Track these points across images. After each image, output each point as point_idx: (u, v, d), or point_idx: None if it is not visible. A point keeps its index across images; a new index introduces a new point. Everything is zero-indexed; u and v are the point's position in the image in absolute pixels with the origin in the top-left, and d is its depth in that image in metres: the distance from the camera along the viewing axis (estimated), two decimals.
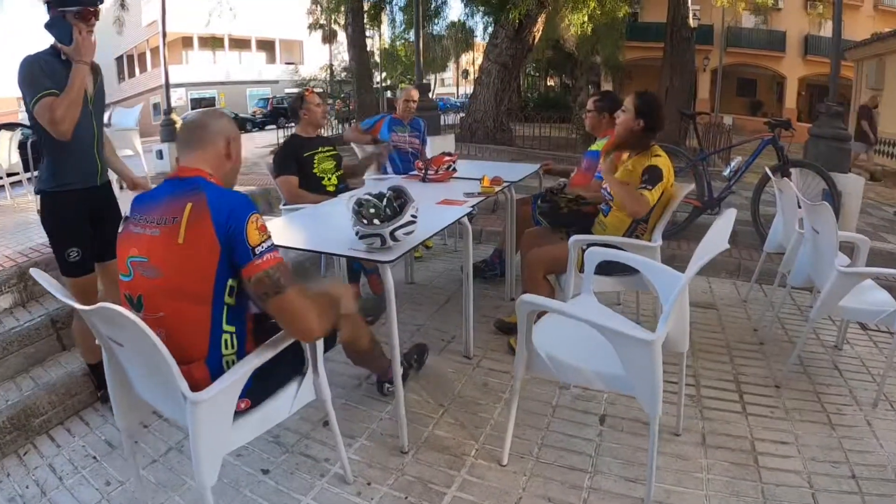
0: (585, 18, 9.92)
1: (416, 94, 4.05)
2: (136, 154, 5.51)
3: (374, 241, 1.85)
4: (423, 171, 3.18)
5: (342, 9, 13.33)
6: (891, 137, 10.89)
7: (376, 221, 1.84)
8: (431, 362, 2.53)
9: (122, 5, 11.50)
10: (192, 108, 29.57)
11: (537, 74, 24.19)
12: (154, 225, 1.38)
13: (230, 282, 1.39)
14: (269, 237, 1.40)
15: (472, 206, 2.56)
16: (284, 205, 3.01)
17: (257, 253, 1.35)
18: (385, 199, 1.91)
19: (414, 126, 4.04)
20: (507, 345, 2.66)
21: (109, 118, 6.03)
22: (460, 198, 2.70)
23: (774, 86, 21.60)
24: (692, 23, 10.44)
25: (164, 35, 7.57)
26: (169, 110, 7.46)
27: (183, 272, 1.36)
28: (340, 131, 13.12)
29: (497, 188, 2.90)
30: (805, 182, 4.24)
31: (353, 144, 4.23)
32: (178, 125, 7.19)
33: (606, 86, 23.45)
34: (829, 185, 3.96)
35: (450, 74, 35.81)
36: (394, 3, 15.56)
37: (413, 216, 1.89)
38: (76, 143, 1.99)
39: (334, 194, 3.07)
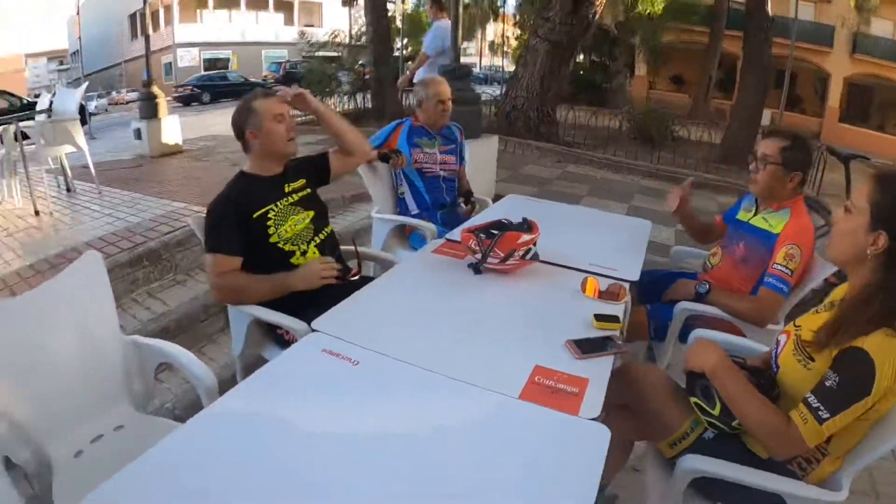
0: None
1: (448, 92, 2.60)
2: (79, 149, 4.29)
3: None
4: (482, 255, 1.63)
5: None
6: None
7: None
8: None
9: None
10: (205, 70, 28.50)
11: None
12: None
13: None
14: None
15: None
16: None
17: None
18: None
19: (446, 136, 2.69)
20: None
21: (51, 103, 4.86)
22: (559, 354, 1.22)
23: (817, 82, 20.24)
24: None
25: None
26: (149, 82, 6.02)
27: None
28: (359, 104, 10.74)
29: (621, 306, 1.49)
30: None
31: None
32: (159, 100, 6.06)
33: (640, 68, 22.01)
34: None
35: (473, 44, 34.36)
36: None
37: None
38: None
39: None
